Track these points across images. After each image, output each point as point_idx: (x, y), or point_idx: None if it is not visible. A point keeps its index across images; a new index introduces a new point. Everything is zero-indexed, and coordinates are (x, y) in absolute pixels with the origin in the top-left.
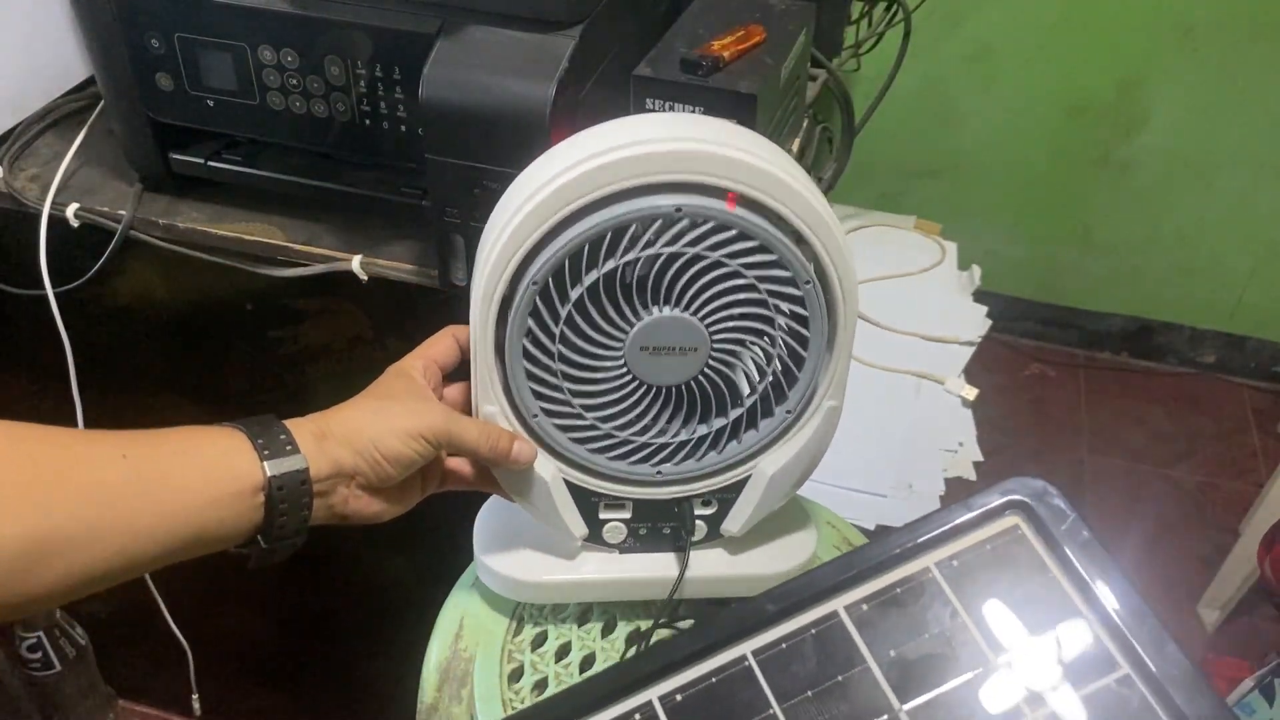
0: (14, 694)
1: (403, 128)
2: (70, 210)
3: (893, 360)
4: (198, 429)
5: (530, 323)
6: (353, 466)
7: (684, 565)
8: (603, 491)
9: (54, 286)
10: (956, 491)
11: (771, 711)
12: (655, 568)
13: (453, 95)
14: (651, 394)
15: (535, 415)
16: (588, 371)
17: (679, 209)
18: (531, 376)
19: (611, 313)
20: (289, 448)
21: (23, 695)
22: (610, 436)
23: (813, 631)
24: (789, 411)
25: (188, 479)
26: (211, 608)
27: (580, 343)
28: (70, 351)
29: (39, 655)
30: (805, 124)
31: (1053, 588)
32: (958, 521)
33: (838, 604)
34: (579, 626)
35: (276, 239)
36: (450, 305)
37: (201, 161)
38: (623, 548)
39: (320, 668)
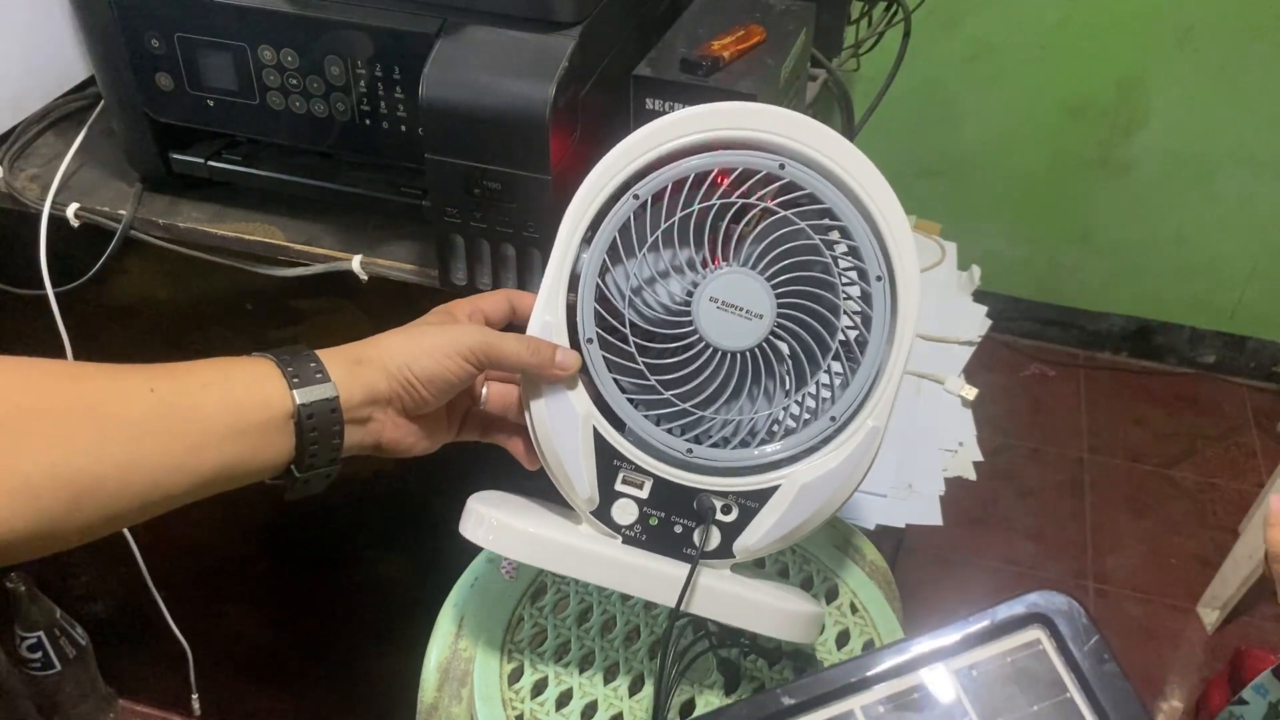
0: (14, 694)
1: (403, 128)
2: (70, 210)
3: None
4: (227, 359)
5: (618, 237)
6: (388, 391)
7: (695, 564)
8: (627, 455)
9: (54, 286)
10: (956, 491)
11: None
12: (658, 562)
13: (453, 95)
14: (706, 354)
15: (590, 340)
16: (654, 310)
17: (783, 165)
18: (599, 298)
19: (694, 253)
20: (319, 375)
21: (23, 695)
22: (653, 390)
23: None
24: (833, 419)
25: (216, 410)
26: (212, 608)
27: (656, 275)
28: (70, 351)
29: (39, 655)
30: None
31: (1069, 710)
32: (979, 628)
33: (854, 704)
34: (579, 626)
35: (276, 239)
36: None
37: (202, 161)
38: (627, 536)
39: (320, 668)
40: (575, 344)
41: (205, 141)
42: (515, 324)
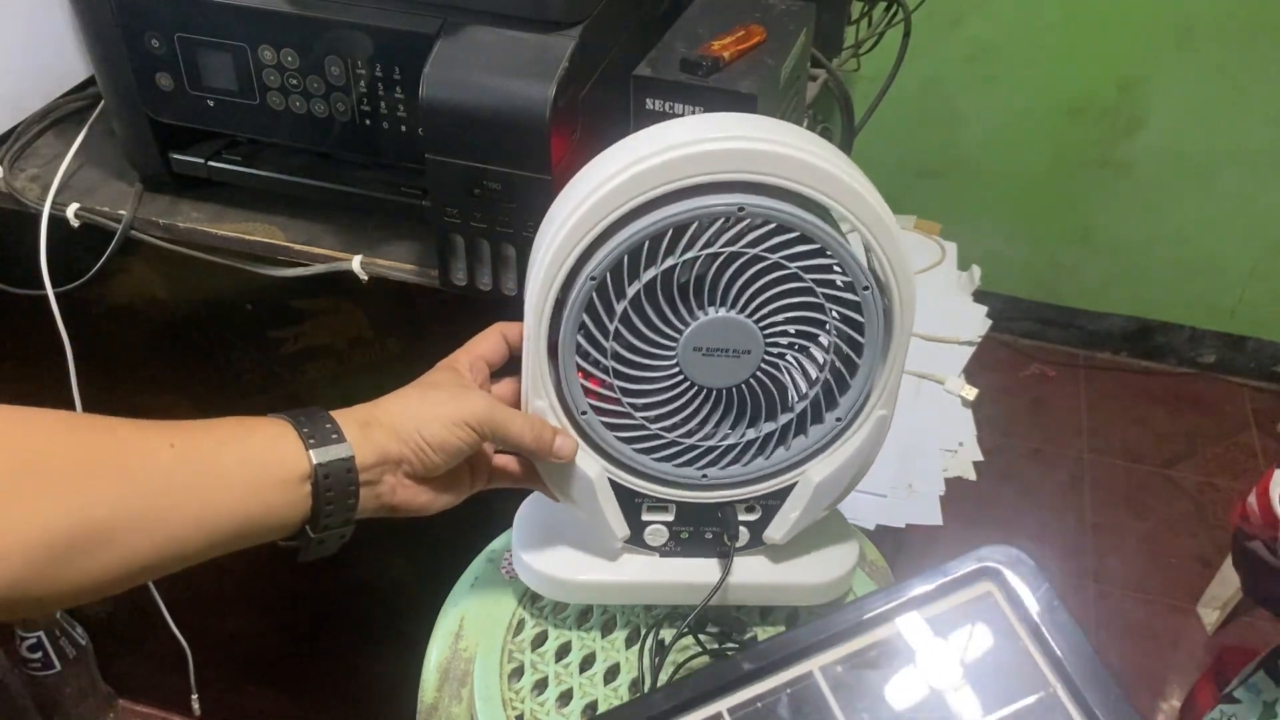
0: (14, 694)
1: (403, 128)
2: (70, 210)
3: None
4: (243, 419)
5: (585, 318)
6: (398, 454)
7: (726, 571)
8: (646, 493)
9: (54, 286)
10: (956, 491)
11: None
12: (696, 573)
13: (453, 95)
14: (702, 395)
15: (584, 412)
16: (640, 370)
17: (742, 208)
18: (582, 371)
19: (667, 311)
20: (334, 436)
21: (23, 695)
22: (657, 437)
23: (788, 691)
24: (839, 419)
25: (234, 468)
26: (212, 608)
27: (634, 340)
28: (70, 351)
29: (39, 655)
30: (805, 124)
31: (1022, 656)
32: (933, 586)
33: (813, 664)
34: (579, 626)
35: (276, 239)
36: (450, 305)
37: (201, 161)
38: (664, 551)
39: (321, 668)
40: (571, 416)
41: (205, 141)
42: (514, 354)
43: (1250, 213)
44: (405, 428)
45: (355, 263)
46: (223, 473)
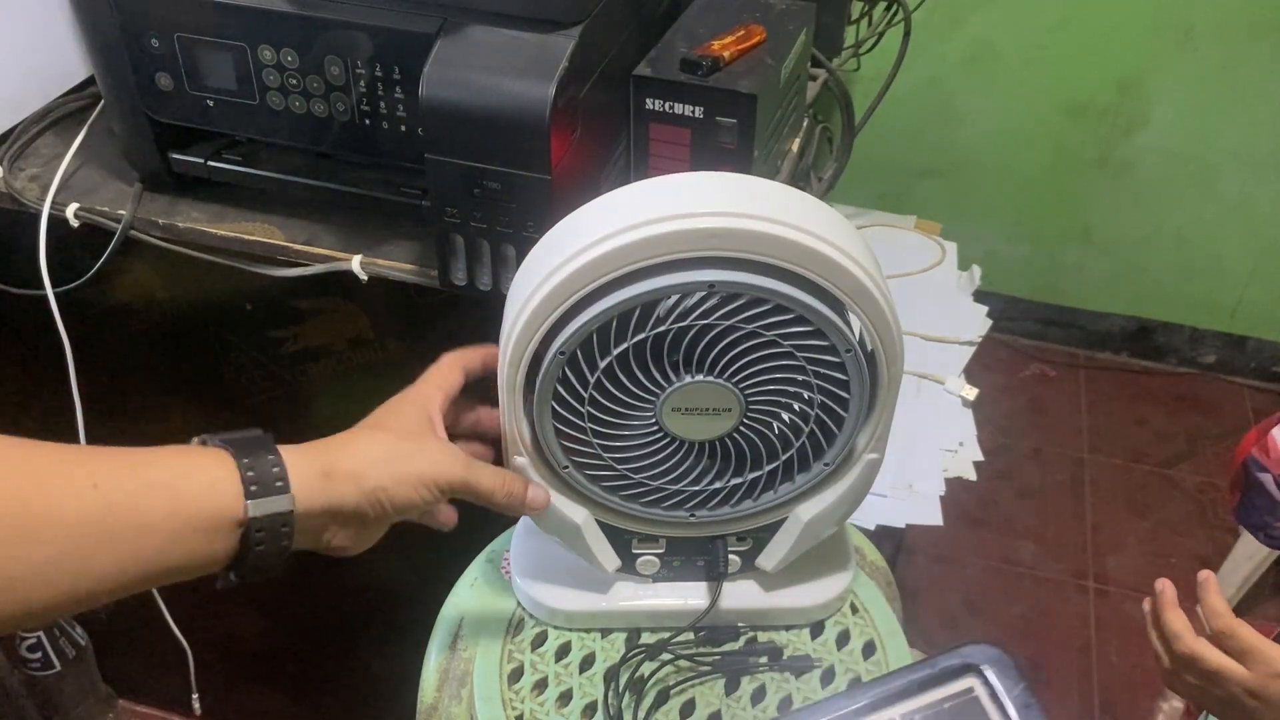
0: (14, 694)
1: (403, 128)
2: (70, 210)
3: None
4: (183, 452)
5: (558, 387)
6: (355, 508)
7: (715, 598)
8: (635, 530)
9: (54, 286)
10: (956, 491)
11: None
12: (689, 595)
13: (453, 95)
14: (685, 448)
15: (565, 467)
16: (617, 429)
17: (712, 285)
18: (560, 433)
19: (642, 378)
20: (279, 484)
21: (23, 695)
22: (642, 485)
23: None
24: (826, 464)
25: (160, 516)
26: (211, 608)
27: (610, 404)
28: (70, 351)
29: (39, 655)
30: (805, 124)
31: None
32: (919, 677)
33: None
34: (579, 627)
35: (276, 239)
36: (450, 305)
37: (201, 161)
38: (656, 577)
39: (320, 668)
40: (554, 471)
41: (205, 141)
42: (488, 378)
43: (1250, 213)
44: (370, 483)
45: (355, 262)
46: (147, 522)
